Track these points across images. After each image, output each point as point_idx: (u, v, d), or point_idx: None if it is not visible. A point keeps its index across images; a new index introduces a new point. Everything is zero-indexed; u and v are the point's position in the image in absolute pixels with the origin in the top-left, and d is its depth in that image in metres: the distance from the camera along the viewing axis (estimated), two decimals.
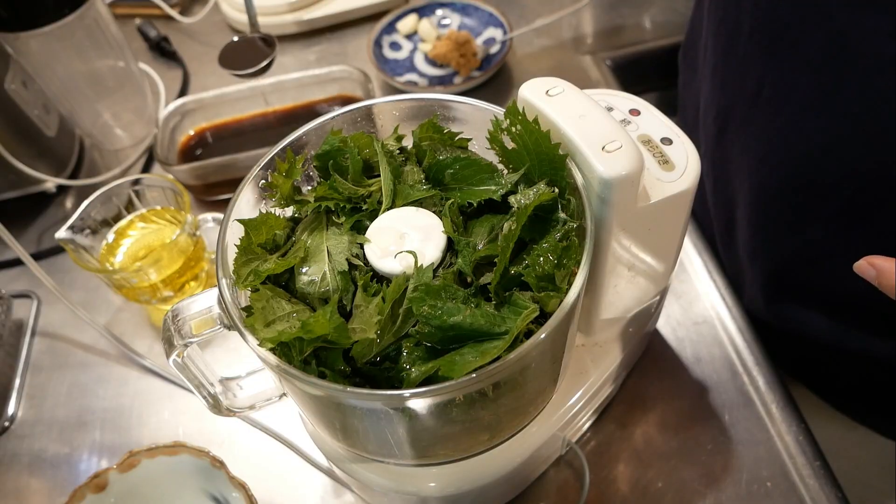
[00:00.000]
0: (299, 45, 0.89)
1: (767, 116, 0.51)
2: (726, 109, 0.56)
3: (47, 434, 0.58)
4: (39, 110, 0.70)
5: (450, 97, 0.41)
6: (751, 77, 0.52)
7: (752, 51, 0.51)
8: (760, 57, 0.50)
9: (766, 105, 0.51)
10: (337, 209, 0.37)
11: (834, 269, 0.52)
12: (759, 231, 0.57)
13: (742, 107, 0.54)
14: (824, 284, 0.54)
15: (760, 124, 0.52)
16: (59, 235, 0.56)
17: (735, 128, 0.56)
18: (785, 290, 0.57)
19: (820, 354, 0.59)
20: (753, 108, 0.53)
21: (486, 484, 0.42)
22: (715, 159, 0.61)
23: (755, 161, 0.54)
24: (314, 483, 0.53)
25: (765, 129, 0.52)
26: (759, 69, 0.51)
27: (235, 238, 0.36)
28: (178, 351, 0.37)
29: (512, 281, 0.34)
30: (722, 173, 0.60)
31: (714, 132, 0.59)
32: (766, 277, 0.58)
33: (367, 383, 0.33)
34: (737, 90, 0.54)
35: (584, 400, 0.46)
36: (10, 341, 0.63)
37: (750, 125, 0.54)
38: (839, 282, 0.52)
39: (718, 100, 0.57)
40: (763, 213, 0.56)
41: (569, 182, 0.35)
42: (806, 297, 0.56)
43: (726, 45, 0.54)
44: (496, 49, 0.79)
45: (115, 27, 0.71)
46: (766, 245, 0.57)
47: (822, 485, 0.49)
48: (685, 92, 0.71)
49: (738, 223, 0.59)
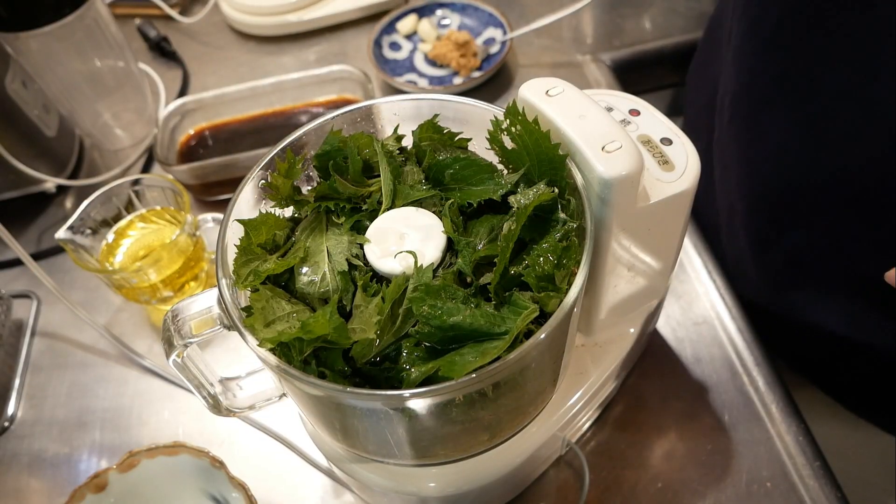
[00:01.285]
0: (299, 45, 0.89)
1: (793, 103, 0.50)
2: (744, 94, 0.55)
3: (47, 434, 0.58)
4: (39, 110, 0.70)
5: (450, 97, 0.41)
6: (775, 62, 0.51)
7: (780, 36, 0.50)
8: (787, 44, 0.49)
9: (793, 92, 0.50)
10: (337, 209, 0.37)
11: (852, 259, 0.52)
12: (771, 219, 0.56)
13: (760, 92, 0.53)
14: (840, 274, 0.54)
15: (783, 112, 0.51)
16: (59, 235, 0.56)
17: (750, 113, 0.55)
18: (797, 279, 0.57)
19: (826, 347, 0.59)
20: (776, 96, 0.52)
21: (486, 484, 0.42)
22: (724, 144, 0.60)
23: (774, 147, 0.53)
24: (314, 483, 0.53)
25: (787, 118, 0.51)
26: (787, 55, 0.50)
27: (235, 238, 0.36)
28: (178, 351, 0.37)
29: (512, 281, 0.34)
30: (730, 159, 0.59)
31: (727, 117, 0.58)
32: (776, 266, 0.57)
33: (367, 383, 0.33)
34: (756, 76, 0.53)
35: (584, 400, 0.46)
36: (10, 341, 0.63)
37: (769, 112, 0.53)
38: (856, 272, 0.52)
39: (736, 84, 0.56)
40: (777, 201, 0.55)
41: (569, 182, 0.35)
42: (820, 287, 0.56)
43: (748, 30, 0.53)
44: (496, 49, 0.79)
45: (114, 27, 0.71)
46: (779, 234, 0.56)
47: (822, 485, 0.49)
48: (702, 71, 0.69)
49: (747, 210, 0.59)
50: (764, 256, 0.59)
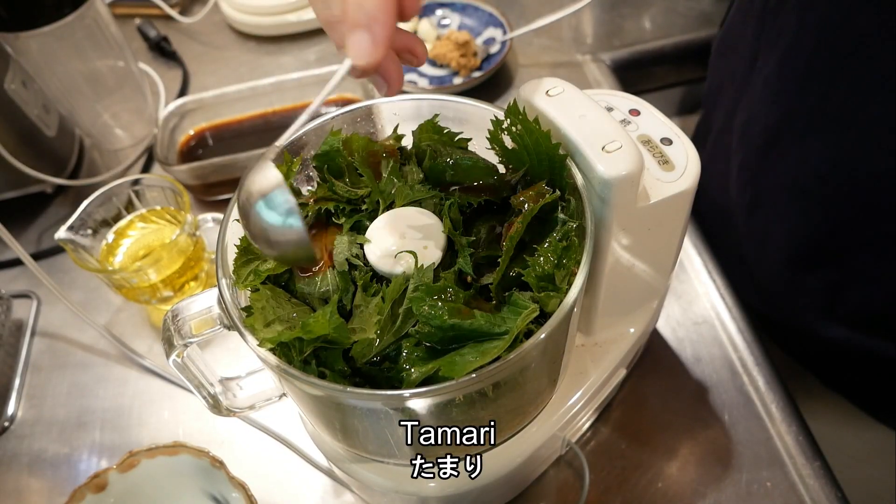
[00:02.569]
0: (299, 45, 0.89)
1: (831, 133, 0.49)
2: (779, 122, 0.54)
3: (47, 434, 0.58)
4: (39, 110, 0.70)
5: (450, 97, 0.41)
6: (812, 93, 0.50)
7: (815, 67, 0.49)
8: (825, 74, 0.48)
9: (831, 122, 0.49)
10: (336, 210, 0.37)
11: (884, 293, 0.52)
12: (813, 246, 0.55)
13: (800, 122, 0.52)
14: (877, 307, 0.53)
15: (823, 142, 0.50)
16: (59, 235, 0.56)
17: (789, 143, 0.54)
18: (834, 306, 0.56)
19: (832, 350, 0.58)
20: (815, 125, 0.51)
21: (486, 484, 0.42)
22: (758, 171, 0.59)
23: (815, 178, 0.52)
24: (314, 483, 0.53)
25: (827, 146, 0.50)
26: (824, 84, 0.49)
27: (235, 238, 0.36)
28: (178, 351, 0.37)
29: (512, 281, 0.34)
30: (766, 186, 0.58)
31: (761, 144, 0.57)
32: (815, 292, 0.57)
33: (367, 383, 0.33)
34: (794, 105, 0.52)
35: (584, 400, 0.46)
36: (10, 341, 0.63)
37: (809, 142, 0.52)
38: (889, 306, 0.51)
39: (769, 112, 0.55)
40: (819, 229, 0.54)
41: (569, 182, 0.35)
42: (855, 316, 0.55)
43: (783, 59, 0.52)
44: (496, 49, 0.79)
45: (114, 27, 0.71)
46: (821, 261, 0.55)
47: (822, 485, 0.49)
48: (717, 96, 0.68)
49: (787, 236, 0.57)
50: (803, 281, 0.58)
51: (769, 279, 0.61)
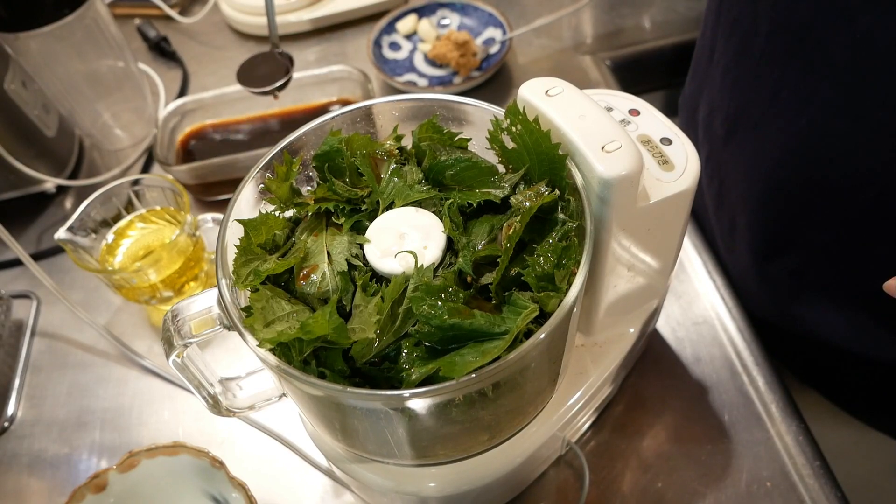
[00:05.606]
0: (299, 45, 0.89)
1: (786, 118, 0.50)
2: (737, 111, 0.56)
3: (47, 434, 0.58)
4: (39, 110, 0.70)
5: (450, 97, 0.41)
6: (767, 78, 0.51)
7: (769, 52, 0.50)
8: (779, 58, 0.49)
9: (785, 107, 0.50)
10: (336, 210, 0.37)
11: (853, 271, 0.52)
12: (773, 233, 0.56)
13: (757, 108, 0.53)
14: (842, 286, 0.54)
15: (778, 126, 0.51)
16: (59, 236, 0.56)
17: (747, 130, 0.55)
18: (800, 292, 0.57)
19: (828, 355, 0.59)
20: (770, 110, 0.52)
21: (486, 484, 0.42)
22: (721, 162, 0.60)
23: (771, 163, 0.53)
24: (314, 483, 0.53)
25: (783, 131, 0.51)
26: (777, 71, 0.50)
27: (235, 238, 0.36)
28: (178, 351, 0.37)
29: (512, 281, 0.34)
30: (728, 176, 0.59)
31: (722, 134, 0.58)
32: (779, 280, 0.57)
33: (367, 383, 0.32)
34: (751, 92, 0.53)
35: (583, 400, 0.46)
36: (10, 341, 0.63)
37: (765, 127, 0.53)
38: (856, 283, 0.52)
39: (728, 102, 0.56)
40: (778, 216, 0.55)
41: (569, 182, 0.35)
42: (822, 299, 0.56)
43: (739, 46, 0.53)
44: (496, 49, 0.79)
45: (114, 27, 0.71)
46: (782, 247, 0.56)
47: (822, 485, 0.49)
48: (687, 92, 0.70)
49: (749, 225, 0.59)
50: (766, 270, 0.59)
51: (739, 272, 0.61)
